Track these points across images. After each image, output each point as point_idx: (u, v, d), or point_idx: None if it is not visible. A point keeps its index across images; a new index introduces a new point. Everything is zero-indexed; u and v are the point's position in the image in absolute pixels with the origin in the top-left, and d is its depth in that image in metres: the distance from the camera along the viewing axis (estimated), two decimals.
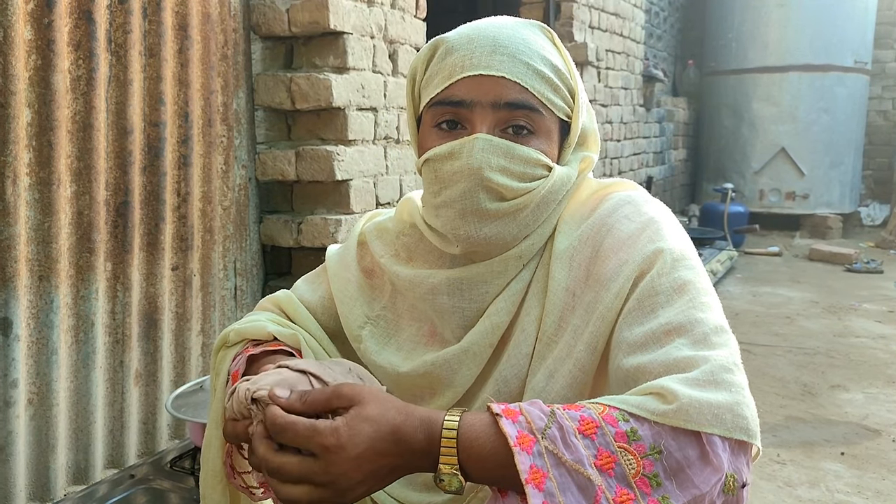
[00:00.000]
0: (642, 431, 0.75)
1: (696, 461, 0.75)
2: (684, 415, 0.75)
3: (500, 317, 1.02)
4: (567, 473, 0.74)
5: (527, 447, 0.75)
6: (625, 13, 5.72)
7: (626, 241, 0.95)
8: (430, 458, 0.80)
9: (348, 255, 1.19)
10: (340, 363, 0.98)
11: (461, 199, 0.97)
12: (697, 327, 0.85)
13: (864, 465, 2.57)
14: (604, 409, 0.78)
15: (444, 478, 0.79)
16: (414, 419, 0.81)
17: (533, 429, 0.77)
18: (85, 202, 1.90)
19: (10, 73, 1.69)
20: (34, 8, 1.75)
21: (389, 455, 0.80)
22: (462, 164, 0.96)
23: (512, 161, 0.96)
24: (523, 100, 0.96)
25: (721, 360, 0.81)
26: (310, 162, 2.43)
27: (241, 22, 2.44)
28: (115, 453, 2.06)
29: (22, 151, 1.74)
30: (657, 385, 0.79)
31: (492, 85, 0.96)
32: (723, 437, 0.76)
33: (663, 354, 0.83)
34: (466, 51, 0.98)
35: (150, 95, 2.07)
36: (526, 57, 0.97)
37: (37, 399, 1.84)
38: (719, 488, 0.75)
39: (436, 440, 0.79)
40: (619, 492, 0.74)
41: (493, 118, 0.97)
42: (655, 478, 0.74)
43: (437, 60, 1.02)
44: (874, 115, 8.80)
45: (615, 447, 0.75)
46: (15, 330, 1.76)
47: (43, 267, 1.82)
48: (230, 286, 2.44)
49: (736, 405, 0.78)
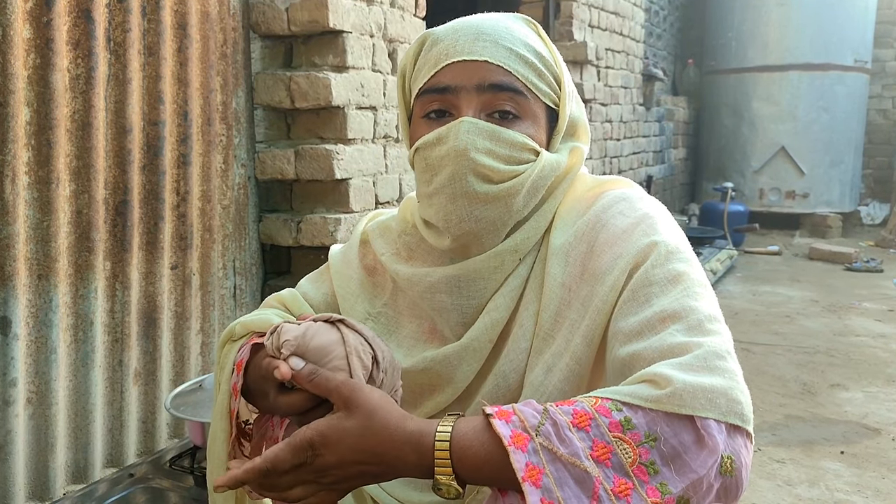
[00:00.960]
0: (636, 420, 0.76)
1: (692, 445, 0.75)
2: (678, 399, 0.76)
3: (498, 313, 1.03)
4: (563, 468, 0.74)
5: (521, 445, 0.76)
6: (625, 12, 5.71)
7: (621, 235, 0.96)
8: (423, 471, 0.81)
9: (351, 253, 1.21)
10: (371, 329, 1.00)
11: (451, 182, 0.98)
12: (691, 314, 0.85)
13: (863, 463, 2.57)
14: (596, 401, 0.78)
15: (441, 487, 0.80)
16: (398, 440, 0.81)
17: (527, 427, 0.77)
18: (84, 201, 1.90)
19: (8, 71, 1.69)
20: (33, 6, 1.75)
21: (371, 464, 0.82)
22: (449, 148, 0.98)
23: (498, 143, 0.98)
24: (507, 82, 0.98)
25: (714, 347, 0.81)
26: (309, 161, 2.43)
27: (241, 21, 2.44)
28: (115, 452, 2.06)
29: (21, 150, 1.74)
30: (650, 372, 0.79)
31: (475, 69, 0.98)
32: (717, 421, 0.76)
33: (658, 341, 0.84)
34: (451, 40, 1.01)
35: (149, 94, 2.07)
36: (508, 42, 1.00)
37: (36, 398, 1.84)
38: (716, 470, 0.75)
39: (428, 454, 0.80)
40: (617, 482, 0.74)
41: (478, 102, 0.99)
42: (652, 465, 0.74)
43: (424, 52, 1.05)
44: (874, 113, 8.80)
45: (610, 437, 0.75)
46: (14, 329, 1.76)
47: (42, 266, 1.82)
48: (229, 285, 2.44)
49: (730, 389, 0.78)
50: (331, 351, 0.87)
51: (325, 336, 0.89)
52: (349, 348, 0.88)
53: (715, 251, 6.01)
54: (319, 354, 0.87)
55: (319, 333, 0.89)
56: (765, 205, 7.81)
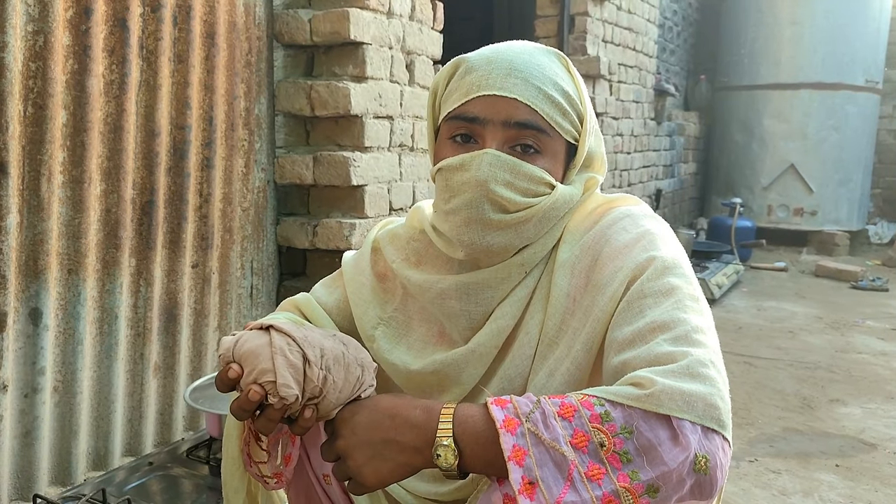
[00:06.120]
0: (615, 414, 0.84)
1: (667, 440, 0.82)
2: (656, 400, 0.83)
3: (505, 320, 1.10)
4: (546, 451, 0.83)
5: (511, 429, 0.85)
6: (638, 28, 5.79)
7: (623, 249, 1.03)
8: (427, 434, 0.89)
9: (363, 261, 1.27)
10: (325, 330, 1.07)
11: (467, 207, 1.05)
12: (680, 326, 0.92)
13: (858, 476, 2.63)
14: (584, 397, 0.87)
15: (440, 452, 0.88)
16: (413, 402, 0.94)
17: (518, 413, 0.86)
18: (113, 200, 1.99)
19: (48, 76, 1.78)
20: (73, 15, 1.84)
21: (384, 428, 0.91)
22: (470, 176, 1.04)
23: (517, 177, 1.05)
24: (532, 121, 1.05)
25: (699, 356, 0.88)
26: (327, 167, 2.52)
27: (265, 31, 2.53)
28: (133, 441, 2.15)
29: (57, 151, 1.83)
30: (636, 375, 0.87)
31: (504, 105, 1.04)
32: (693, 422, 0.83)
33: (646, 350, 0.90)
34: (484, 71, 1.06)
35: (177, 100, 2.16)
36: (538, 81, 1.05)
37: (62, 387, 1.93)
38: (689, 466, 0.82)
39: (435, 414, 0.90)
40: (591, 466, 0.82)
41: (503, 136, 1.05)
42: (626, 454, 0.82)
43: (457, 78, 1.10)
44: (884, 133, 8.82)
45: (589, 427, 0.83)
46: (44, 320, 1.85)
47: (72, 261, 1.91)
48: (247, 285, 2.53)
49: (709, 396, 0.85)
50: (259, 354, 0.95)
51: (254, 341, 0.97)
52: (274, 349, 0.95)
53: (721, 266, 6.06)
54: (249, 358, 0.96)
55: (250, 340, 0.98)
56: (773, 221, 7.84)
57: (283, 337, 0.97)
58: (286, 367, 0.94)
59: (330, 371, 0.96)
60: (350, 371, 0.99)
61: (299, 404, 0.94)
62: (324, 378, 0.95)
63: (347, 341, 1.04)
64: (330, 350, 0.98)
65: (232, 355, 0.97)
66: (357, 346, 1.05)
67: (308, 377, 0.94)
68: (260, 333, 0.99)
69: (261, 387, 0.93)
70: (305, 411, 0.95)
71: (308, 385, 0.94)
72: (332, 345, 1.00)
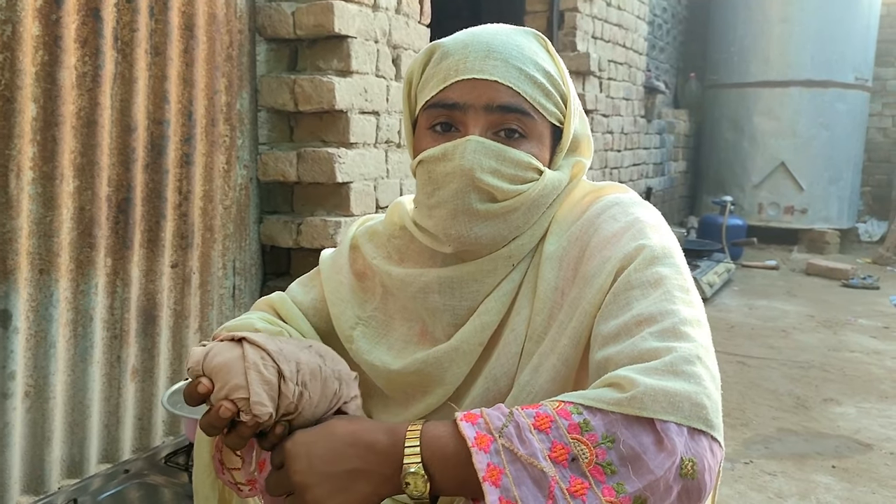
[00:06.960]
0: (594, 422, 0.77)
1: (652, 447, 0.76)
2: (638, 403, 0.77)
3: (490, 316, 1.04)
4: (522, 468, 0.76)
5: (484, 447, 0.78)
6: (628, 24, 5.75)
7: (611, 239, 0.97)
8: (393, 460, 0.82)
9: (341, 259, 1.21)
10: (301, 341, 1.00)
11: (453, 199, 0.99)
12: (667, 318, 0.86)
13: (854, 478, 2.58)
14: (559, 405, 0.80)
15: (409, 480, 0.80)
16: (374, 425, 0.86)
17: (491, 429, 0.79)
18: (87, 198, 1.92)
19: (16, 68, 1.71)
20: (43, 4, 1.77)
21: (347, 457, 0.83)
22: (454, 166, 0.98)
23: (503, 163, 0.99)
24: (515, 103, 0.99)
25: (685, 352, 0.82)
26: (311, 163, 2.45)
27: (247, 23, 2.46)
28: (110, 448, 2.07)
29: (26, 146, 1.76)
30: (616, 375, 0.81)
31: (485, 88, 0.98)
32: (678, 424, 0.77)
33: (630, 346, 0.84)
34: (461, 55, 1.00)
35: (154, 94, 2.09)
36: (519, 62, 1.00)
37: (34, 391, 1.85)
38: (675, 472, 0.76)
39: (400, 438, 0.82)
40: (574, 481, 0.75)
41: (485, 121, 0.99)
42: (609, 465, 0.76)
43: (432, 64, 1.04)
44: (874, 131, 8.84)
45: (568, 439, 0.77)
46: (14, 322, 1.77)
47: (44, 261, 1.83)
48: (229, 285, 2.46)
49: (695, 394, 0.79)
50: (231, 368, 0.88)
51: (225, 354, 0.91)
52: (248, 363, 0.88)
53: (712, 264, 6.03)
54: (221, 372, 0.89)
55: (221, 353, 0.91)
56: (763, 219, 7.84)
57: (257, 350, 0.91)
58: (260, 382, 0.87)
59: (306, 386, 0.90)
60: (327, 385, 0.93)
61: (272, 421, 0.88)
62: (299, 394, 0.89)
63: (325, 352, 0.98)
64: (306, 363, 0.92)
65: (202, 368, 0.91)
66: (335, 357, 0.99)
67: (283, 393, 0.88)
68: (232, 345, 0.93)
69: (233, 403, 0.86)
70: (277, 427, 0.89)
71: (283, 402, 0.88)
72: (309, 358, 0.94)
